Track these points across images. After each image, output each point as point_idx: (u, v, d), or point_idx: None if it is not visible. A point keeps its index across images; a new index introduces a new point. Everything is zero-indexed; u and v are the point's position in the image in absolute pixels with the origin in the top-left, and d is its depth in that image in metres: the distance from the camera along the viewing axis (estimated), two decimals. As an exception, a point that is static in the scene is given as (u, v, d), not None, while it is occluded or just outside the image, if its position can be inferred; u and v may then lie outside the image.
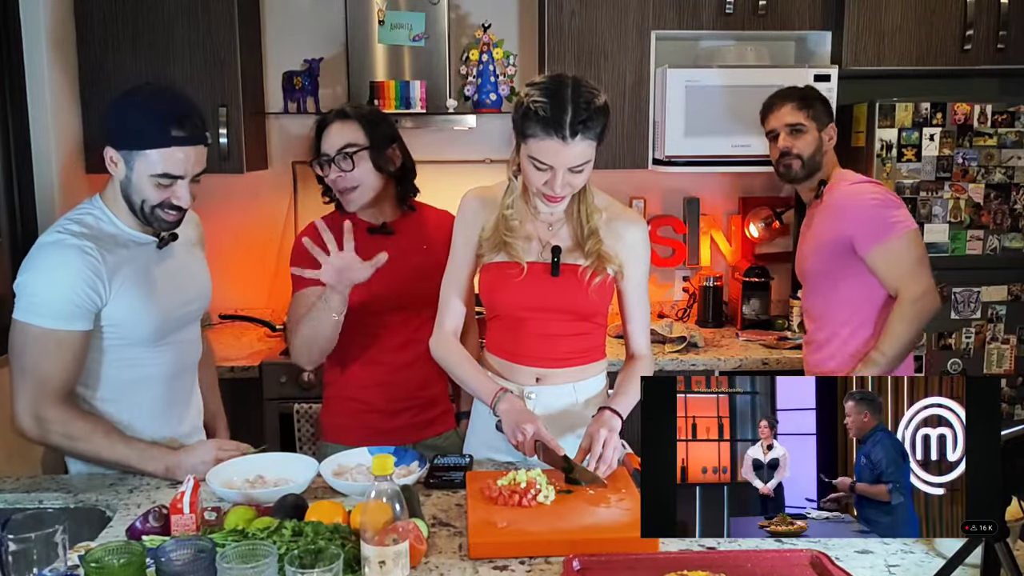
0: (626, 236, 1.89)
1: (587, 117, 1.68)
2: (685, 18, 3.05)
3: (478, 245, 1.90)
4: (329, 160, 2.03)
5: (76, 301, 1.71)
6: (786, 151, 2.41)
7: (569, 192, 1.78)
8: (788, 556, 1.41)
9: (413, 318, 2.09)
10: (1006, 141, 2.95)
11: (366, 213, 2.11)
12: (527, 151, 1.74)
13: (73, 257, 1.71)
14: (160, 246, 1.85)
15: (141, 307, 1.79)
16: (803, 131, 2.40)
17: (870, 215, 2.32)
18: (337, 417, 2.16)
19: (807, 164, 2.41)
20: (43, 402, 1.71)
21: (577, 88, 1.71)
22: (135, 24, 2.95)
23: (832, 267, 2.39)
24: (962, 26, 3.00)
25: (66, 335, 1.71)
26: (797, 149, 2.40)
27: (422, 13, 3.09)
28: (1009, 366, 3.06)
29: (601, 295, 1.88)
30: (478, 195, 1.93)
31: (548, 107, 1.68)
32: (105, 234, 1.78)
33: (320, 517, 1.46)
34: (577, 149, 1.70)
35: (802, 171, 2.41)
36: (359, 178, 2.03)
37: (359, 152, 2.03)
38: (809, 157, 2.41)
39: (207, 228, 2.14)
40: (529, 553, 1.46)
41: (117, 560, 1.26)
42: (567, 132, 1.67)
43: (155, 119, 1.70)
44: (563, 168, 1.71)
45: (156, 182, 1.73)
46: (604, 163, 3.07)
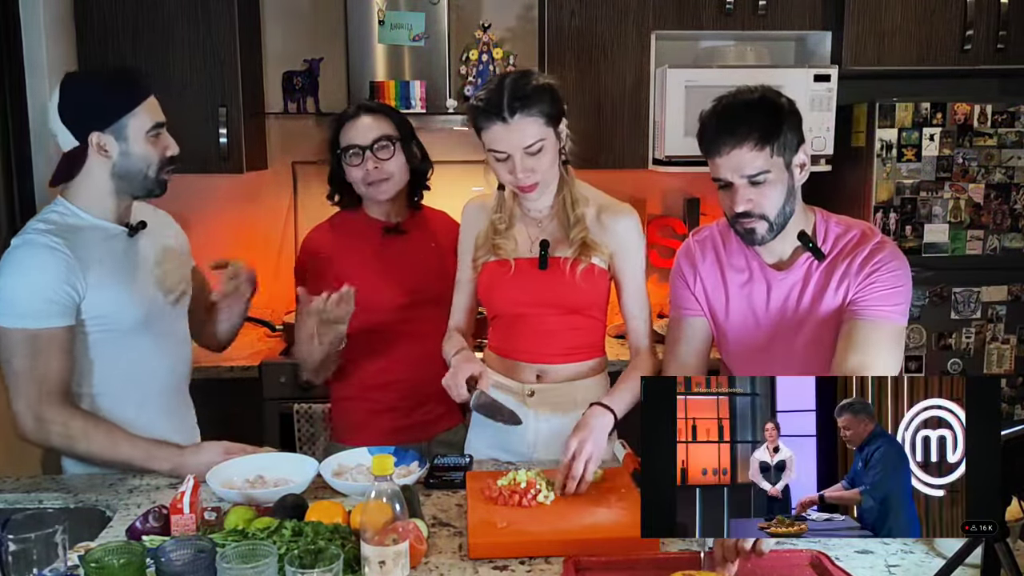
0: (616, 227, 1.90)
1: (524, 95, 1.74)
2: (685, 18, 3.05)
3: (475, 249, 1.96)
4: (362, 151, 2.03)
5: (53, 298, 1.71)
6: (746, 212, 1.66)
7: (536, 178, 1.80)
8: (788, 556, 1.41)
9: (423, 316, 2.11)
10: (1006, 141, 2.95)
11: (380, 211, 2.14)
12: (485, 146, 1.80)
13: (43, 255, 1.72)
14: (131, 234, 1.86)
15: (123, 293, 1.80)
16: (767, 179, 1.63)
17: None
18: (350, 417, 2.17)
19: (775, 224, 1.67)
20: (41, 403, 1.72)
21: (519, 74, 1.79)
22: (135, 24, 2.95)
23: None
24: (962, 26, 3.00)
25: (50, 333, 1.71)
26: (761, 208, 1.65)
27: (422, 13, 3.08)
28: (1009, 366, 3.06)
29: (591, 286, 1.88)
30: (476, 203, 2.00)
31: (486, 96, 1.76)
32: (72, 228, 1.78)
33: (320, 517, 1.46)
34: (523, 128, 1.74)
35: (770, 234, 1.68)
36: (391, 169, 2.06)
37: (396, 143, 2.06)
38: (778, 214, 1.67)
39: (207, 228, 2.15)
40: (529, 553, 1.46)
41: (117, 560, 1.26)
42: (505, 112, 1.73)
43: (125, 82, 1.81)
44: (518, 152, 1.75)
45: (151, 138, 1.80)
46: (604, 163, 3.09)
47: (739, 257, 1.79)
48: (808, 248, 1.72)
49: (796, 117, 1.67)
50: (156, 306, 1.87)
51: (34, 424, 1.73)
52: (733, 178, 1.64)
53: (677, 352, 1.84)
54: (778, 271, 1.75)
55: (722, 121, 1.64)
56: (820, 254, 1.71)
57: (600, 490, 1.67)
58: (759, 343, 1.78)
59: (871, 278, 1.67)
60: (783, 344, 1.76)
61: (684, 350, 1.83)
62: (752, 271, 1.78)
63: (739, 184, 1.64)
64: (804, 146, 1.68)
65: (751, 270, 1.78)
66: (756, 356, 1.78)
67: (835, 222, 1.76)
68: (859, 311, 1.67)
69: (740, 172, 1.63)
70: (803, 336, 1.74)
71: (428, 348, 2.06)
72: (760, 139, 1.61)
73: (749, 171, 1.62)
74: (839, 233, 1.74)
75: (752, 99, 1.66)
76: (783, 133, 1.63)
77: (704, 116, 1.69)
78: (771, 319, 1.76)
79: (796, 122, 1.66)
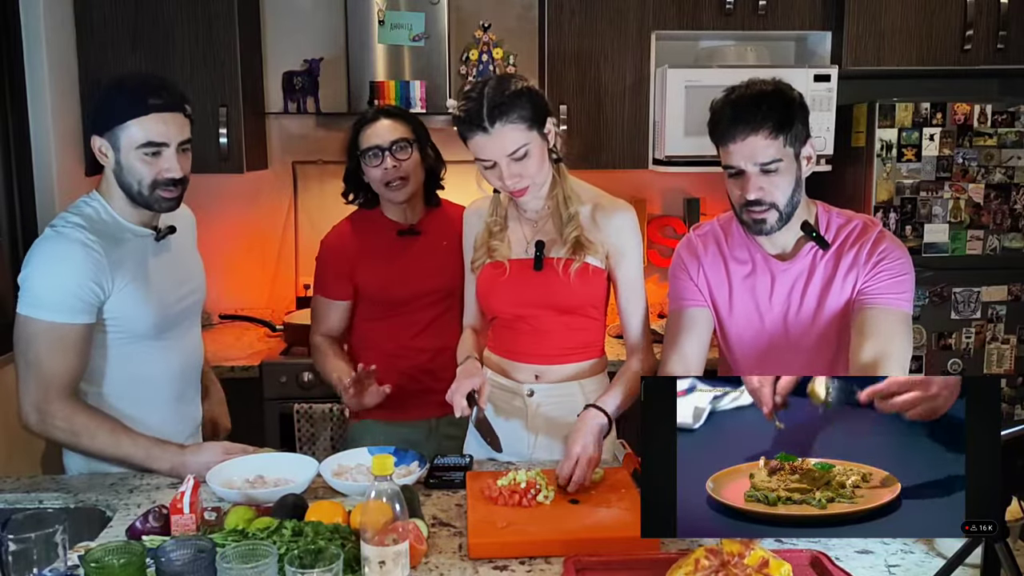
0: (611, 224, 1.89)
1: (500, 103, 1.73)
2: (685, 18, 3.05)
3: (473, 251, 1.98)
4: (382, 151, 2.12)
5: (79, 294, 1.72)
6: (757, 200, 1.67)
7: (524, 182, 1.80)
8: (788, 556, 1.41)
9: (432, 312, 2.22)
10: (1006, 141, 2.95)
11: (396, 212, 2.23)
12: (473, 154, 1.81)
13: (76, 251, 1.72)
14: (158, 238, 1.86)
15: (140, 300, 1.79)
16: (779, 168, 1.65)
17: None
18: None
19: (784, 214, 1.69)
20: (47, 396, 1.72)
21: (496, 82, 1.78)
22: (135, 24, 2.95)
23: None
24: (962, 26, 3.00)
25: (70, 329, 1.72)
26: (772, 196, 1.66)
27: (422, 13, 3.08)
28: (1009, 366, 3.06)
29: (586, 285, 1.88)
30: (474, 207, 2.02)
31: (466, 106, 1.76)
32: (105, 226, 1.79)
33: (320, 517, 1.46)
34: (504, 136, 1.75)
35: (779, 223, 1.69)
36: (409, 169, 2.15)
37: (414, 144, 2.16)
38: (787, 203, 1.68)
39: (207, 228, 2.15)
40: (529, 553, 1.46)
41: (117, 560, 1.26)
42: (485, 123, 1.73)
43: (130, 93, 1.74)
44: (502, 158, 1.76)
45: (142, 155, 1.74)
46: (604, 163, 3.09)
47: (742, 249, 1.80)
48: (812, 237, 1.73)
49: (805, 110, 1.70)
50: (171, 311, 1.87)
51: (38, 416, 1.74)
52: (746, 166, 1.65)
53: (679, 343, 1.81)
54: (782, 262, 1.76)
55: (737, 109, 1.66)
56: (824, 243, 1.73)
57: (600, 490, 1.67)
58: (763, 335, 1.78)
59: (880, 267, 1.70)
60: (788, 335, 1.76)
61: (686, 341, 1.81)
62: (755, 263, 1.78)
63: (751, 172, 1.65)
64: (811, 140, 1.71)
65: (754, 262, 1.78)
66: (760, 349, 1.79)
67: (836, 213, 1.78)
68: (871, 299, 1.69)
69: (753, 160, 1.64)
70: (809, 327, 1.75)
71: (434, 342, 2.19)
72: (774, 127, 1.63)
73: (762, 159, 1.64)
74: (841, 224, 1.76)
75: (766, 89, 1.69)
76: (795, 124, 1.66)
77: (717, 104, 1.71)
78: (775, 311, 1.77)
79: (805, 115, 1.70)
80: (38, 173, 2.75)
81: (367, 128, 2.17)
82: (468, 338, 2.01)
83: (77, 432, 1.75)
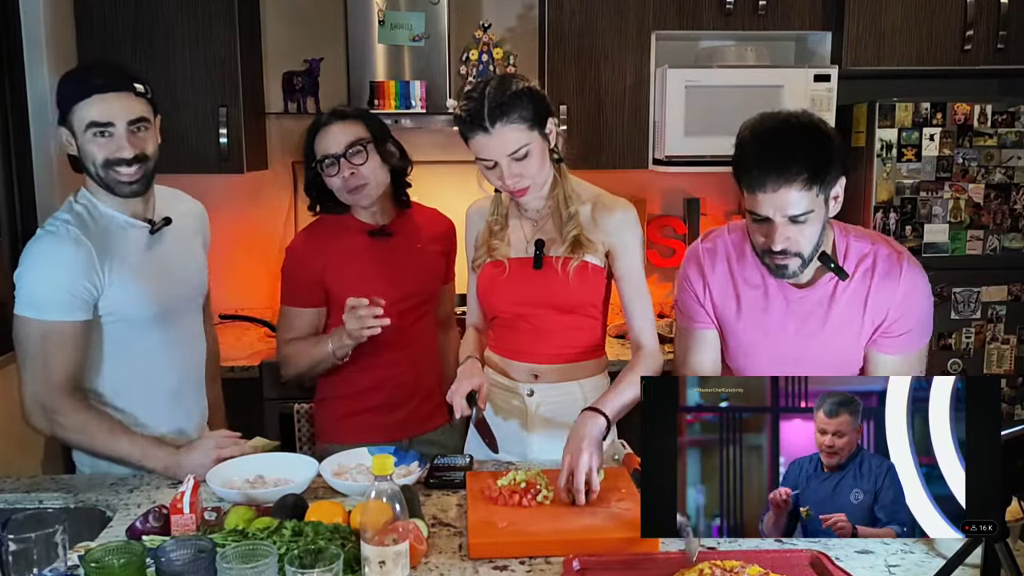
0: (610, 222, 1.89)
1: (501, 103, 1.74)
2: (685, 18, 3.05)
3: (474, 250, 1.98)
4: (336, 159, 2.00)
5: (73, 292, 1.72)
6: (783, 250, 1.58)
7: (525, 182, 1.80)
8: (788, 556, 1.41)
9: (406, 316, 2.09)
10: (1006, 141, 2.95)
11: (366, 214, 2.11)
12: (474, 154, 1.81)
13: (67, 248, 1.73)
14: (152, 231, 1.86)
15: (135, 290, 1.80)
16: (809, 219, 1.55)
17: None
18: (333, 414, 2.16)
19: (808, 260, 1.61)
20: (48, 393, 1.73)
21: (497, 82, 1.79)
22: (135, 24, 2.94)
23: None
24: (962, 26, 3.00)
25: (66, 326, 1.73)
26: (798, 247, 1.57)
27: (422, 13, 3.08)
28: (1009, 366, 3.06)
29: (586, 284, 1.87)
30: (476, 206, 2.02)
31: (468, 106, 1.77)
32: (95, 222, 1.79)
33: (320, 517, 1.46)
34: (505, 136, 1.75)
35: (801, 269, 1.62)
36: (368, 175, 2.01)
37: (368, 146, 2.02)
38: (812, 250, 1.60)
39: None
40: (529, 553, 1.46)
41: (117, 560, 1.26)
42: (486, 123, 1.74)
43: (74, 78, 1.78)
44: (503, 158, 1.76)
45: (92, 136, 1.74)
46: (604, 163, 3.09)
47: (753, 272, 1.71)
48: (830, 268, 1.65)
49: (841, 150, 1.58)
50: (172, 303, 1.88)
51: (39, 412, 1.75)
52: (775, 216, 1.55)
53: (690, 362, 1.79)
54: (798, 289, 1.68)
55: (769, 155, 1.53)
56: (843, 273, 1.64)
57: (600, 490, 1.67)
58: (771, 362, 1.70)
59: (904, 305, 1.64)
60: (797, 365, 1.67)
61: (697, 360, 1.79)
62: (768, 287, 1.70)
63: (779, 223, 1.55)
64: (841, 178, 1.59)
65: (766, 286, 1.70)
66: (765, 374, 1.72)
67: (854, 237, 1.69)
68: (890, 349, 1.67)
69: (784, 212, 1.53)
70: (819, 357, 1.68)
71: (409, 348, 2.09)
72: (809, 179, 1.51)
73: (793, 211, 1.53)
74: (863, 252, 1.66)
75: (802, 130, 1.55)
76: (831, 166, 1.54)
77: (746, 143, 1.59)
78: (786, 339, 1.69)
79: (841, 155, 1.57)
80: (38, 173, 2.75)
81: (320, 134, 2.03)
82: (470, 337, 2.01)
83: (76, 430, 1.76)
